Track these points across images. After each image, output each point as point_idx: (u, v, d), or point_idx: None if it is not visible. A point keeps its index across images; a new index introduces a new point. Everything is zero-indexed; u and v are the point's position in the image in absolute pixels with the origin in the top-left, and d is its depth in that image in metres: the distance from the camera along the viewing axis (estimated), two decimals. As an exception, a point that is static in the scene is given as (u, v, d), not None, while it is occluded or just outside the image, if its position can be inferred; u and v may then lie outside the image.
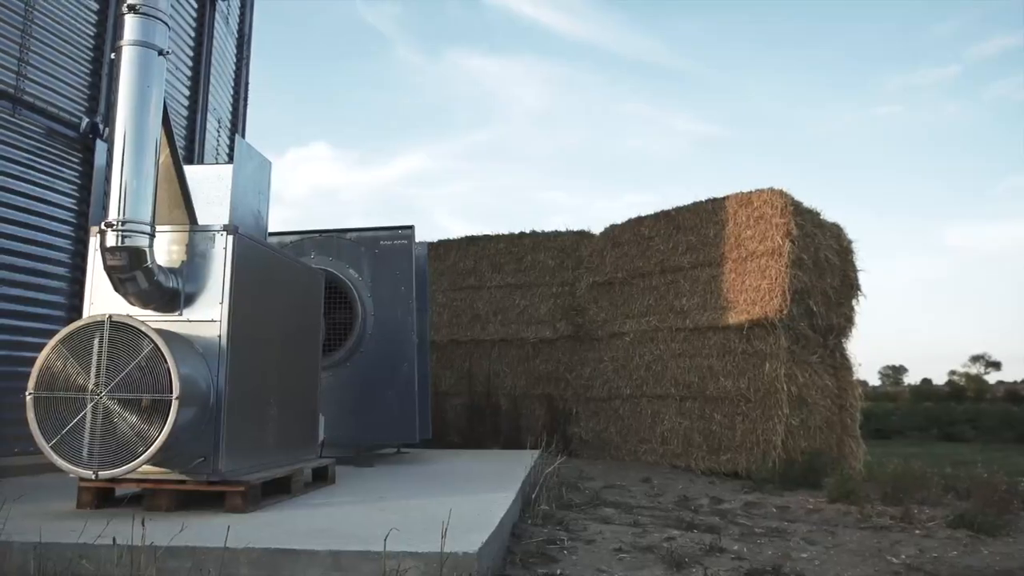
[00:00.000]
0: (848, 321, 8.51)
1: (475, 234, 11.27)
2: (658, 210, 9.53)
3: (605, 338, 9.85)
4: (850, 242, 8.68)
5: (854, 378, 8.47)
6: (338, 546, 2.95)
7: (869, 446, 8.61)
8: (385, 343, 6.72)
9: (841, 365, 8.41)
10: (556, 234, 10.85)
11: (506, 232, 11.12)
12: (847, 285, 8.53)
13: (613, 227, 10.16)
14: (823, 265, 8.21)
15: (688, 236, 9.03)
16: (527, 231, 11.05)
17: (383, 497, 4.53)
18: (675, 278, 9.09)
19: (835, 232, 8.60)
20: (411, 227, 6.90)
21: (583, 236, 10.70)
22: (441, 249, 11.21)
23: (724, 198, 8.74)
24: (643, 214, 9.73)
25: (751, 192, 8.44)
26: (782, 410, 7.54)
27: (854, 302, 8.58)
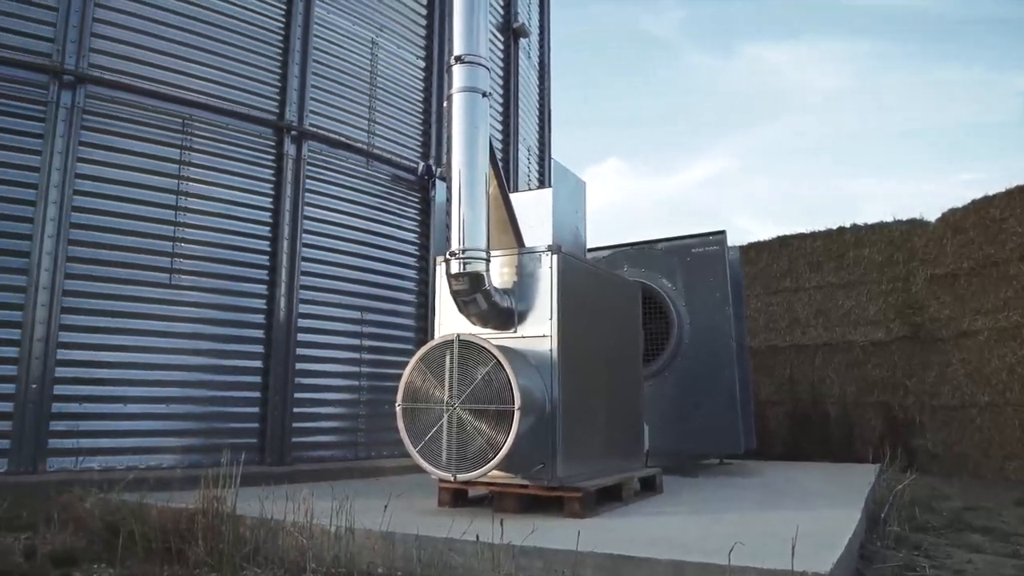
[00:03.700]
0: None
1: (786, 233, 10.68)
2: (1010, 186, 8.19)
3: (951, 338, 8.67)
4: None
5: None
6: (678, 556, 2.94)
7: None
8: (703, 351, 6.62)
9: None
10: (881, 226, 9.83)
11: (822, 229, 10.37)
12: None
13: (953, 212, 8.94)
14: None
15: (1055, 213, 7.62)
16: (846, 225, 10.19)
17: (715, 509, 4.45)
18: (1041, 264, 7.72)
19: None
20: (722, 232, 6.75)
21: (915, 225, 9.57)
22: (751, 252, 10.78)
23: (1104, 163, 7.23)
24: (989, 193, 8.44)
25: None
26: None
27: None
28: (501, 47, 9.25)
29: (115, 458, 5.21)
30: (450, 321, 4.43)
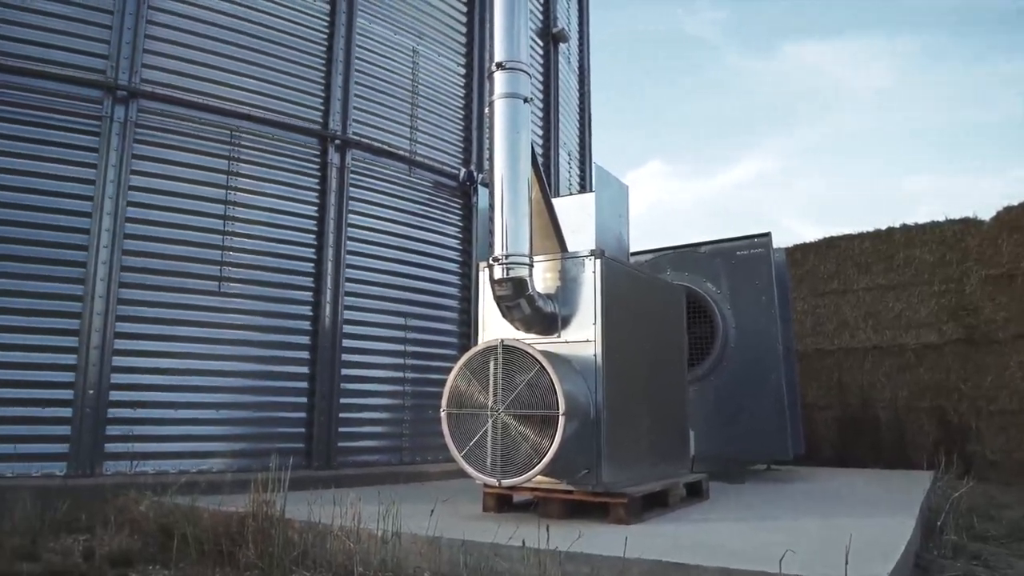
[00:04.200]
0: None
1: (833, 234, 10.45)
2: (1071, 183, 7.90)
3: (1009, 340, 8.39)
4: None
5: None
6: (728, 563, 2.90)
7: None
8: (749, 355, 6.53)
9: None
10: (933, 225, 9.56)
11: (870, 229, 10.12)
12: None
13: (1009, 209, 8.65)
14: None
15: (1119, 210, 7.33)
16: (896, 225, 9.93)
17: (764, 515, 4.37)
18: (1104, 263, 7.42)
19: None
20: (767, 234, 6.65)
21: (968, 224, 9.29)
22: (797, 254, 10.58)
23: None
24: (1049, 189, 8.15)
25: None
26: None
27: None
28: (541, 52, 9.27)
29: (168, 462, 5.34)
30: (494, 326, 4.44)
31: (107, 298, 5.26)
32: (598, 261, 4.20)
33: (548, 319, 4.22)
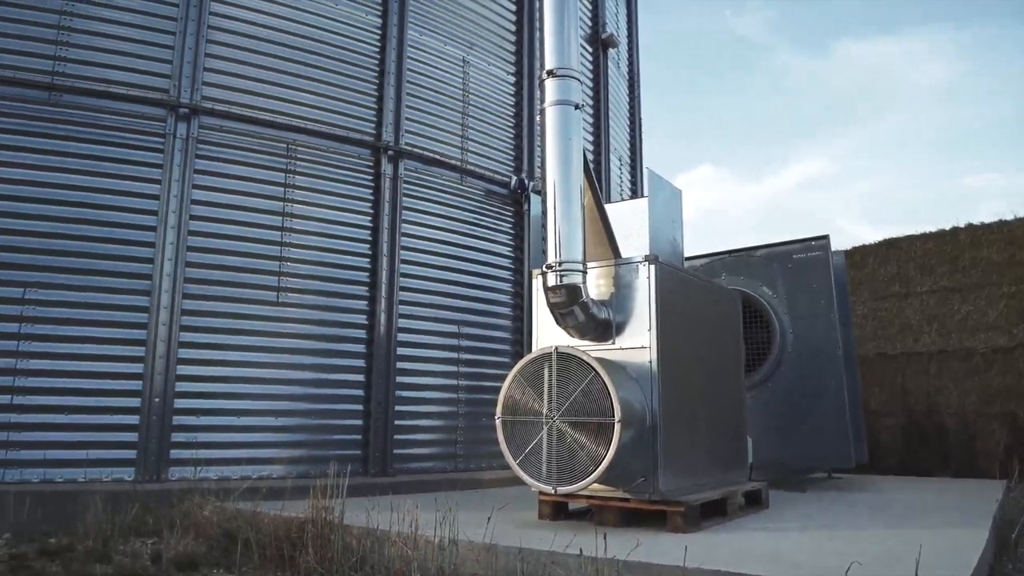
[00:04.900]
0: None
1: (893, 236, 10.15)
2: None
3: (1085, 343, 8.03)
4: None
5: None
6: (790, 574, 2.84)
7: None
8: (807, 361, 6.38)
9: None
10: (1001, 224, 9.20)
11: (933, 230, 9.80)
12: None
13: (1082, 207, 8.28)
14: None
15: None
16: (960, 225, 9.59)
17: (826, 525, 4.26)
18: None
19: None
20: (825, 237, 6.50)
21: (1038, 222, 8.92)
22: (856, 256, 10.30)
23: None
24: None
25: None
26: None
27: None
28: (590, 58, 9.26)
29: (230, 468, 5.47)
30: (547, 334, 4.44)
31: (171, 309, 5.43)
32: (652, 267, 4.16)
33: (602, 326, 4.20)
